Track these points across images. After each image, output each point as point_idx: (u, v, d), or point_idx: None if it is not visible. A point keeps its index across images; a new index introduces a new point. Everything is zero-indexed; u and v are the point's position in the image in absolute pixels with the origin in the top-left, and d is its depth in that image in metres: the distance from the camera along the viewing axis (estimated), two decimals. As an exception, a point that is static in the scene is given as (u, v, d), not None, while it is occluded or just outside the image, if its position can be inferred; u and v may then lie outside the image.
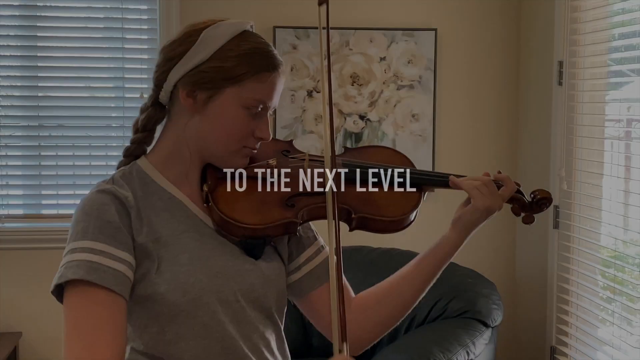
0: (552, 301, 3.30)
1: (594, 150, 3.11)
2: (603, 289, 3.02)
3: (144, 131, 1.45)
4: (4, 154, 3.48)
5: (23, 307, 3.47)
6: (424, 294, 1.51)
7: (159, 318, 1.34)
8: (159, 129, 1.48)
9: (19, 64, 3.49)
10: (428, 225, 2.18)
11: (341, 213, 1.42)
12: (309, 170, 1.46)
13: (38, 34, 3.49)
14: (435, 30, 3.59)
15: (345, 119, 3.59)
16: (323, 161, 1.47)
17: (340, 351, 1.26)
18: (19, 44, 3.49)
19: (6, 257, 3.45)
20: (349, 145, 3.58)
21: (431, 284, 1.51)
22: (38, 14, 3.49)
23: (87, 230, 1.31)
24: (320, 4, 1.33)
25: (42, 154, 3.52)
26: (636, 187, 2.83)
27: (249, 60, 1.36)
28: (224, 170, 1.42)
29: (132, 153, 1.46)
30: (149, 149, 1.47)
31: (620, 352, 2.81)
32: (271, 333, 1.44)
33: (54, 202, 3.60)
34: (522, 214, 1.53)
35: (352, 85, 3.58)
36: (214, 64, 1.36)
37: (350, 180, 1.46)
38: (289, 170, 1.45)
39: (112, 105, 3.58)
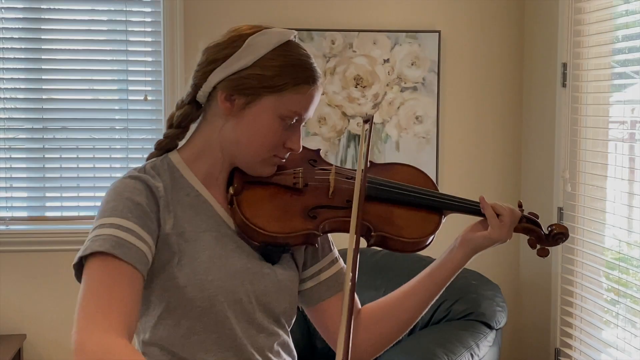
0: (556, 303, 3.29)
1: (598, 152, 3.11)
2: (607, 291, 3.02)
3: (178, 127, 1.48)
4: (8, 156, 3.49)
5: (27, 309, 3.48)
6: (426, 310, 1.53)
7: (176, 311, 1.36)
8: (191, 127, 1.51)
9: (23, 67, 3.50)
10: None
11: (362, 229, 1.43)
12: (333, 183, 1.47)
13: (42, 37, 3.50)
14: (439, 32, 3.59)
15: (348, 121, 3.59)
16: (348, 175, 1.49)
17: None
18: (23, 47, 3.50)
19: (10, 259, 3.46)
20: (352, 147, 3.58)
21: (434, 301, 1.53)
22: (42, 16, 3.50)
23: (117, 208, 1.33)
24: (365, 121, 1.41)
25: (46, 156, 3.53)
26: (640, 189, 2.83)
27: (290, 72, 1.39)
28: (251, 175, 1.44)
29: (165, 147, 1.49)
30: (180, 143, 1.50)
31: (625, 354, 2.81)
32: (278, 337, 1.46)
33: (58, 204, 3.61)
34: (538, 247, 1.55)
35: (356, 87, 3.58)
36: (256, 72, 1.38)
37: (373, 197, 1.48)
38: (314, 181, 1.47)
39: (116, 107, 3.58)
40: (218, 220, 1.42)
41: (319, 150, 1.57)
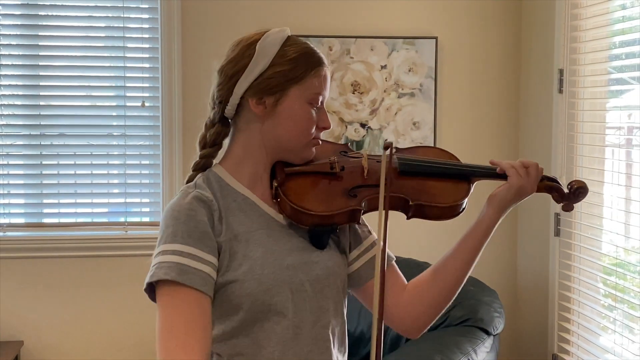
0: (554, 309, 3.30)
1: (595, 157, 3.11)
2: (604, 297, 3.02)
3: (213, 146, 1.59)
4: (5, 162, 3.49)
5: (24, 315, 3.47)
6: (468, 275, 1.63)
7: (240, 307, 1.47)
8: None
9: (20, 73, 3.50)
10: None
11: (399, 202, 1.57)
12: (367, 164, 1.60)
13: (40, 43, 3.50)
14: (436, 38, 3.60)
15: (346, 127, 3.59)
16: (379, 159, 1.60)
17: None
18: (20, 53, 3.50)
19: (8, 266, 3.45)
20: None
21: (473, 265, 1.62)
22: (40, 23, 3.50)
23: (177, 234, 1.44)
24: (385, 148, 1.55)
25: (44, 162, 3.53)
26: (637, 195, 2.83)
27: (304, 60, 1.54)
28: (292, 166, 1.58)
29: (202, 167, 1.60)
30: (214, 161, 1.61)
31: (622, 360, 2.81)
32: (336, 323, 1.57)
33: (55, 211, 3.60)
34: (562, 203, 1.70)
35: (353, 93, 3.58)
36: (276, 70, 1.52)
37: (405, 173, 1.61)
38: (349, 164, 1.61)
39: (114, 114, 3.58)
40: (267, 218, 1.54)
41: (347, 144, 1.74)
